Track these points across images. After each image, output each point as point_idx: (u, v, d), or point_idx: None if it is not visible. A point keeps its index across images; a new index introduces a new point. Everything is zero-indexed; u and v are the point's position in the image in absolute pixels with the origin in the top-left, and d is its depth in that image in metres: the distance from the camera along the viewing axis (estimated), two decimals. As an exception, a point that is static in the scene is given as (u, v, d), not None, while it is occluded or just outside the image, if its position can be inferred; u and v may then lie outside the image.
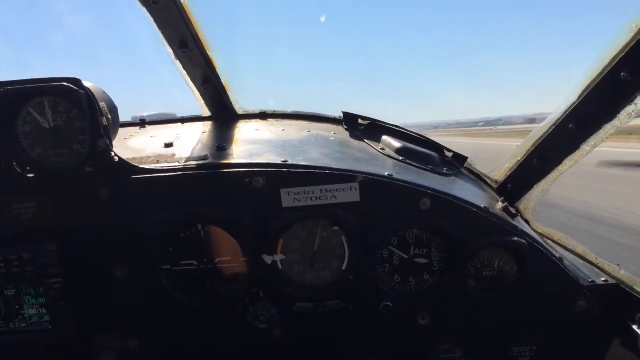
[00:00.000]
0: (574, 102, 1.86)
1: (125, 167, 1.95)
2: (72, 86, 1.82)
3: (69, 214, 1.98)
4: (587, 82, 1.76)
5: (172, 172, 1.97)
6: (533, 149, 2.19)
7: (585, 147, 1.94)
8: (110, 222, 1.98)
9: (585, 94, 1.79)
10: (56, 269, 1.98)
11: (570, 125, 1.92)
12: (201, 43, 2.32)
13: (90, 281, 2.04)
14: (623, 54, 1.59)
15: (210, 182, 1.98)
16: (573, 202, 9.82)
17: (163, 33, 2.22)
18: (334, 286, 2.10)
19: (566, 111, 1.92)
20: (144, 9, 2.01)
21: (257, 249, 2.03)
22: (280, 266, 2.06)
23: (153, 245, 2.00)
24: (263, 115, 2.98)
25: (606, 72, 1.66)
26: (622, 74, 1.60)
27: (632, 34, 1.53)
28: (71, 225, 1.98)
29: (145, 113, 3.59)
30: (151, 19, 2.08)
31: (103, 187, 1.94)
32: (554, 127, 2.02)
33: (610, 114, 1.75)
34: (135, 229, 1.98)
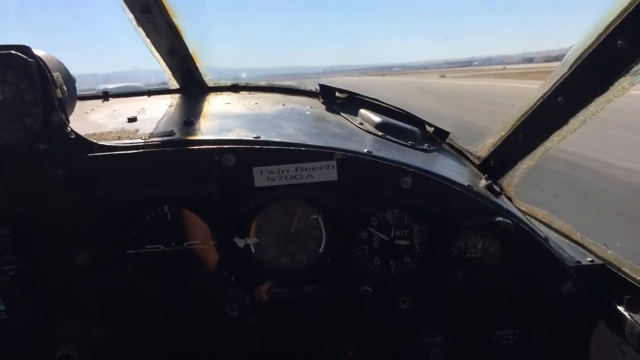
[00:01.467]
0: (564, 74, 1.75)
1: (83, 144, 1.79)
2: (20, 54, 1.65)
3: (23, 195, 1.82)
4: (578, 52, 1.65)
5: (134, 150, 1.82)
6: (518, 124, 2.09)
7: (574, 122, 1.85)
8: (68, 203, 1.82)
9: (577, 64, 1.68)
10: (9, 254, 1.83)
11: (560, 99, 1.81)
12: (165, 8, 2.14)
13: (49, 267, 1.89)
14: (620, 20, 1.48)
15: (176, 160, 1.84)
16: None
17: None
18: (311, 270, 1.99)
19: (555, 84, 1.82)
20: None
21: (228, 232, 1.90)
22: (253, 250, 1.94)
23: (115, 228, 1.86)
24: (235, 88, 2.82)
25: (600, 40, 1.55)
26: (619, 42, 1.49)
27: (631, -1, 1.41)
28: (25, 207, 1.82)
29: (110, 86, 3.40)
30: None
31: (58, 166, 1.78)
32: (541, 101, 1.92)
33: (603, 86, 1.64)
34: (96, 211, 1.83)
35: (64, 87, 1.78)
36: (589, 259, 2.05)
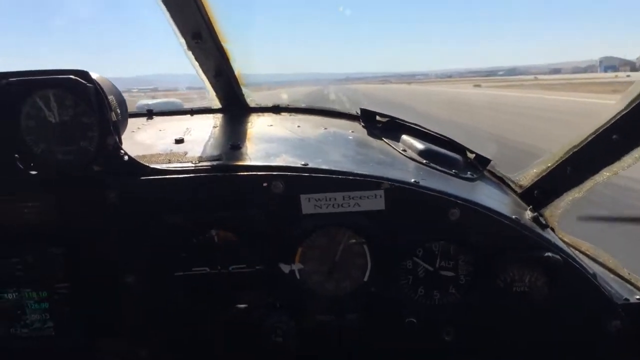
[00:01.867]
0: (620, 112, 1.73)
1: (135, 167, 1.83)
2: (79, 79, 1.69)
3: (76, 215, 1.85)
4: (637, 92, 1.63)
5: (185, 174, 1.85)
6: (567, 156, 2.06)
7: (627, 159, 1.82)
8: (119, 225, 1.86)
9: (635, 104, 1.66)
10: (61, 273, 1.86)
11: (614, 136, 1.79)
12: (216, 34, 2.18)
13: (98, 287, 1.92)
14: None
15: (226, 185, 1.86)
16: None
17: (176, 23, 2.08)
18: (354, 298, 1.98)
19: (609, 121, 1.80)
20: (159, 2, 1.87)
21: (274, 257, 1.91)
22: (298, 276, 1.94)
23: (164, 250, 1.88)
24: (276, 109, 2.85)
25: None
26: None
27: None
28: (78, 227, 1.86)
29: (151, 102, 3.47)
30: (164, 9, 1.94)
31: (111, 188, 1.81)
32: (593, 137, 1.89)
33: None
34: (145, 233, 1.86)
35: (118, 110, 1.82)
36: (637, 297, 2.01)
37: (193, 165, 1.89)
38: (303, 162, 1.90)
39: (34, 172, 1.79)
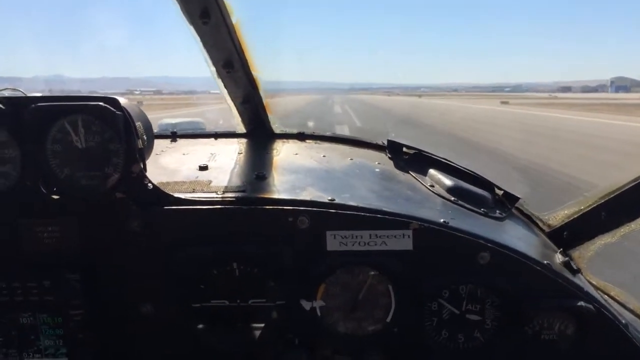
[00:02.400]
0: None
1: (159, 196, 1.80)
2: (109, 107, 1.67)
3: (95, 242, 1.83)
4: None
5: (208, 205, 1.81)
6: (602, 202, 2.00)
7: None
8: (139, 254, 1.83)
9: None
10: (77, 299, 1.83)
11: None
12: (247, 64, 2.17)
13: (113, 315, 1.89)
14: None
15: (250, 218, 1.82)
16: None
17: (208, 52, 2.06)
18: (376, 338, 1.92)
19: None
20: (191, 27, 1.85)
21: (296, 293, 1.86)
22: (319, 313, 1.89)
23: (183, 281, 1.84)
24: (301, 136, 2.82)
25: None
26: None
27: None
28: (97, 254, 1.84)
29: (173, 120, 3.47)
30: (197, 37, 1.92)
31: (133, 216, 1.79)
32: (633, 184, 1.84)
33: None
34: (166, 263, 1.82)
35: (144, 136, 1.80)
36: None
37: (217, 196, 1.86)
38: (330, 197, 1.86)
39: (56, 197, 1.77)
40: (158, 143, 2.54)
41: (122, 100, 1.74)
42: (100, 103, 1.67)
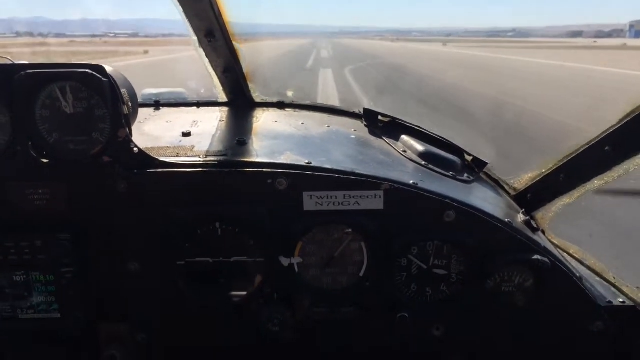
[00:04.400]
0: (614, 126, 1.81)
1: (145, 159, 1.89)
2: (95, 74, 1.75)
3: (84, 203, 1.92)
4: (630, 108, 1.71)
5: (192, 168, 1.91)
6: (561, 164, 2.14)
7: (617, 170, 1.90)
8: (126, 214, 1.93)
9: (628, 119, 1.74)
10: (68, 258, 1.93)
11: (607, 148, 1.87)
12: (228, 34, 2.24)
13: (102, 273, 2.00)
14: None
15: (232, 181, 1.92)
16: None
17: (190, 22, 2.13)
18: (350, 292, 2.06)
19: (603, 133, 1.88)
20: (174, -1, 1.92)
21: (275, 251, 1.99)
22: (296, 269, 2.02)
23: (168, 240, 1.95)
24: (280, 105, 2.91)
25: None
26: None
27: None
28: (86, 215, 1.93)
29: (154, 90, 3.51)
30: (179, 7, 1.99)
31: (121, 179, 1.88)
32: (587, 147, 1.97)
33: None
34: (151, 223, 1.93)
35: (130, 103, 1.88)
36: (621, 300, 2.09)
37: (200, 159, 1.96)
38: (307, 161, 1.97)
39: (46, 160, 1.86)
40: (142, 111, 2.62)
41: (109, 68, 1.81)
42: (87, 70, 1.75)
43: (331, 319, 2.06)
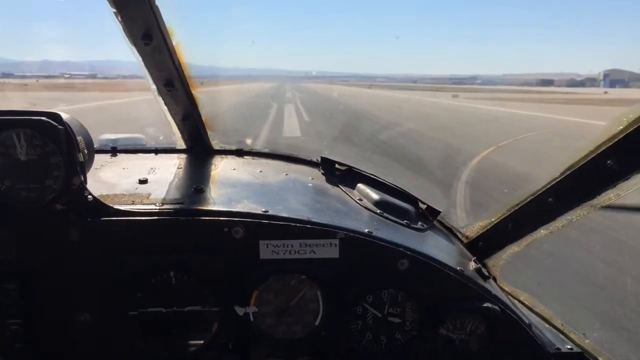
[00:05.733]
0: (556, 179, 1.91)
1: (99, 207, 1.87)
2: (51, 121, 1.74)
3: (34, 252, 1.88)
4: (571, 162, 1.81)
5: (147, 216, 1.90)
6: (508, 214, 2.22)
7: (562, 220, 1.99)
8: (78, 263, 1.89)
9: (569, 172, 1.84)
10: (14, 309, 1.86)
11: (550, 199, 1.96)
12: (187, 83, 2.27)
13: (51, 324, 1.93)
14: (611, 143, 1.64)
15: (187, 229, 1.92)
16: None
17: (150, 72, 2.16)
18: (306, 341, 2.06)
19: (546, 185, 1.97)
20: (133, 48, 1.95)
21: (230, 300, 1.97)
22: (251, 318, 2.01)
23: (121, 289, 1.91)
24: (239, 152, 2.93)
25: (592, 156, 1.71)
26: (608, 161, 1.65)
27: (621, 126, 1.59)
28: (35, 264, 1.88)
29: (112, 136, 3.49)
30: (139, 58, 2.02)
31: (73, 227, 1.85)
32: (532, 198, 2.06)
33: (590, 195, 1.80)
34: (104, 272, 1.89)
35: (85, 150, 1.87)
36: (568, 347, 2.15)
37: (156, 207, 1.95)
38: (264, 209, 1.99)
39: None
40: (98, 157, 2.59)
41: (64, 116, 1.81)
42: (43, 118, 1.74)
43: None
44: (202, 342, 1.99)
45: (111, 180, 2.30)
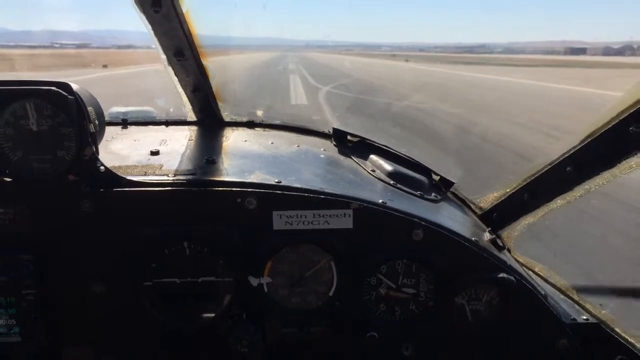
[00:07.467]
0: (575, 147, 1.87)
1: (111, 178, 1.86)
2: (61, 91, 1.72)
3: (48, 223, 1.88)
4: (591, 129, 1.77)
5: (160, 187, 1.89)
6: (525, 184, 2.19)
7: (579, 189, 1.96)
8: (91, 234, 1.89)
9: (589, 140, 1.80)
10: (30, 280, 1.87)
11: (568, 168, 1.93)
12: (197, 52, 2.24)
13: (66, 294, 1.95)
14: (634, 110, 1.60)
15: (200, 200, 1.91)
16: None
17: (159, 40, 2.13)
18: (320, 312, 2.06)
19: (565, 154, 1.93)
20: (142, 16, 1.91)
21: (244, 270, 1.97)
22: (265, 289, 2.01)
23: (135, 260, 1.92)
24: (250, 124, 2.91)
25: (614, 122, 1.67)
26: (631, 128, 1.61)
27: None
28: (49, 235, 1.89)
29: (122, 109, 3.47)
30: (148, 26, 1.98)
31: (86, 198, 1.85)
32: (550, 167, 2.03)
33: (611, 163, 1.76)
34: (117, 243, 1.89)
35: (96, 121, 1.85)
36: (584, 317, 2.14)
37: (169, 178, 1.94)
38: (276, 180, 1.97)
39: (8, 179, 1.81)
40: (109, 130, 2.58)
41: (74, 86, 1.79)
42: (53, 88, 1.72)
43: (301, 339, 2.05)
44: (215, 312, 2.00)
45: (123, 152, 2.28)
